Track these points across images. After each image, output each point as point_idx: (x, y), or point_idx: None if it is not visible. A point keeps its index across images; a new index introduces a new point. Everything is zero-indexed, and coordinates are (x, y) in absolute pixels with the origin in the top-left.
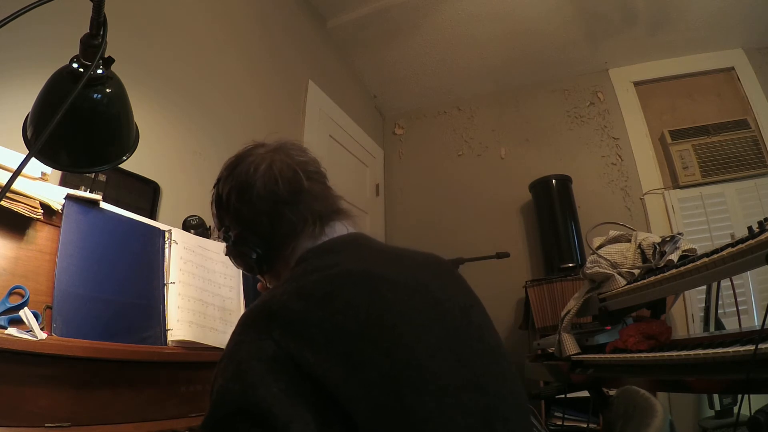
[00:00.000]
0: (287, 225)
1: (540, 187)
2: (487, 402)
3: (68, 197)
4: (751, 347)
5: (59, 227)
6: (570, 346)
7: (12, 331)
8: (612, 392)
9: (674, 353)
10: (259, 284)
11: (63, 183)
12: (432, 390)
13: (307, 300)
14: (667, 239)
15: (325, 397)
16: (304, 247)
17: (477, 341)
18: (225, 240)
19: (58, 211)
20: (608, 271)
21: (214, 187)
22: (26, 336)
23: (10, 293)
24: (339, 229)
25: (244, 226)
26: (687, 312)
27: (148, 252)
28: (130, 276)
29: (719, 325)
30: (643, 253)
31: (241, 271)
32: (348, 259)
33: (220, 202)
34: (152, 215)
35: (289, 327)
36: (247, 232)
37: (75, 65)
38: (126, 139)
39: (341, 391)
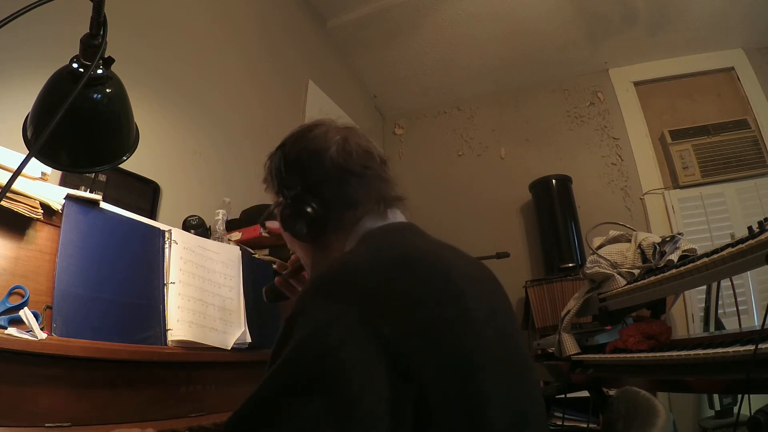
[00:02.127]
0: (352, 194)
1: (540, 187)
2: (526, 402)
3: (68, 197)
4: (751, 347)
5: (59, 227)
6: (570, 346)
7: (12, 331)
8: (612, 392)
9: (674, 353)
10: (293, 256)
11: (63, 183)
12: (491, 380)
13: (387, 271)
14: (667, 239)
15: (400, 369)
16: (368, 225)
17: (520, 346)
18: (284, 198)
19: (58, 211)
20: (608, 271)
21: (277, 149)
22: (26, 336)
23: (10, 293)
24: (399, 216)
25: (309, 187)
26: (687, 312)
27: (148, 252)
28: (130, 276)
29: (719, 325)
30: (643, 253)
31: (241, 271)
32: (419, 243)
33: (287, 161)
34: (152, 215)
35: (369, 296)
36: (310, 193)
37: (75, 65)
38: (126, 139)
39: (416, 363)
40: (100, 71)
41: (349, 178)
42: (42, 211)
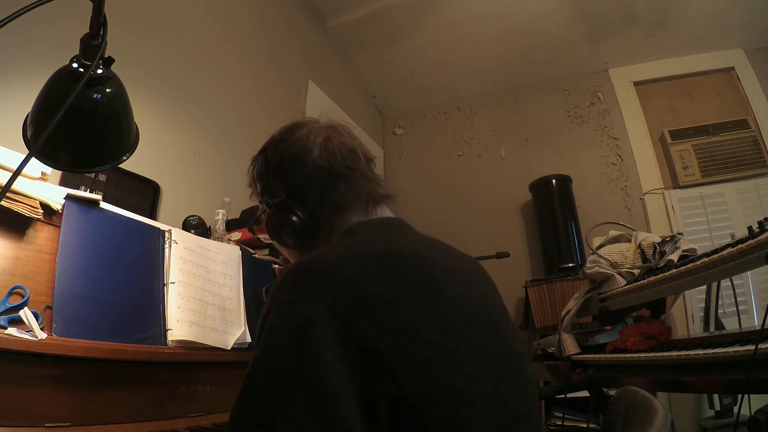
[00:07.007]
0: (338, 198)
1: (540, 187)
2: (517, 397)
3: (68, 197)
4: (751, 347)
5: (59, 227)
6: (570, 346)
7: (12, 331)
8: (612, 392)
9: (674, 353)
10: (277, 267)
11: (63, 183)
12: (477, 376)
13: (363, 268)
14: (667, 239)
15: (375, 364)
16: (352, 221)
17: (511, 339)
18: (268, 206)
19: (58, 211)
20: (608, 271)
21: (259, 154)
22: (26, 336)
23: (10, 293)
24: (387, 213)
25: (293, 193)
26: (687, 312)
27: (148, 252)
28: (130, 276)
29: (719, 325)
30: (643, 253)
31: (241, 271)
32: (400, 239)
33: (269, 167)
34: (152, 215)
35: (343, 292)
36: (295, 200)
37: (75, 65)
38: (126, 139)
39: (394, 359)
40: (100, 71)
41: (335, 180)
42: (42, 211)
